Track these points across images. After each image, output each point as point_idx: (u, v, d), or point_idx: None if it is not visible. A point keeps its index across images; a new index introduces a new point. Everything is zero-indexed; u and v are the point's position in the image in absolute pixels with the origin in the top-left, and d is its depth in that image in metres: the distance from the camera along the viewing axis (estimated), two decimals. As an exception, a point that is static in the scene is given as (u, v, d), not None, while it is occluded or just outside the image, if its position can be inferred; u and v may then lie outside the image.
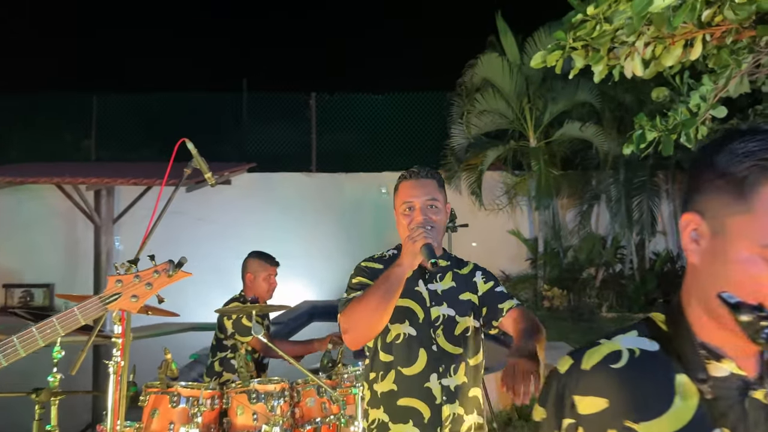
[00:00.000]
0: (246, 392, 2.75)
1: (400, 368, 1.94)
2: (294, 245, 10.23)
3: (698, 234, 0.91)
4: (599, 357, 0.94)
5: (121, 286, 1.74)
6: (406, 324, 1.97)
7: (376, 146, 10.96)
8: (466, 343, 2.00)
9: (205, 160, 2.50)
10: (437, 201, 1.99)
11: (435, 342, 1.96)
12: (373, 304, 1.83)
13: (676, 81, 5.65)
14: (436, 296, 2.02)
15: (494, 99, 9.22)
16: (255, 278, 3.50)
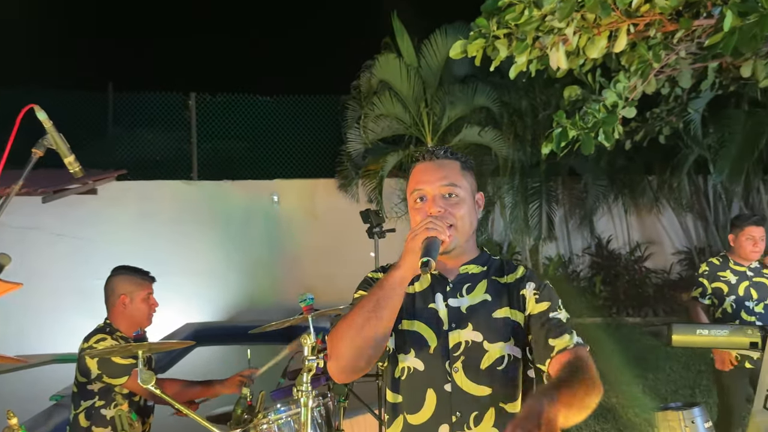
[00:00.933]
0: (132, 462, 2.01)
1: (406, 415, 1.46)
2: (173, 261, 9.18)
3: None
4: None
5: None
6: (412, 355, 1.47)
7: (265, 152, 10.17)
8: (499, 381, 1.43)
9: (62, 137, 1.74)
10: (458, 188, 1.51)
11: (450, 379, 1.42)
12: (360, 320, 1.36)
13: (587, 80, 5.50)
14: (458, 316, 1.47)
15: (391, 103, 8.82)
16: (132, 300, 2.69)
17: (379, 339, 1.39)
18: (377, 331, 1.37)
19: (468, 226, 1.52)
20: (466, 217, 1.51)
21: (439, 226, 1.40)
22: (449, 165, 1.54)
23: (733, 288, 3.51)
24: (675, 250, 10.61)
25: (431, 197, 1.49)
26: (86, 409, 2.57)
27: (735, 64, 5.78)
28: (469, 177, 1.57)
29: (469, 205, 1.53)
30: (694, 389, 5.78)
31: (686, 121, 7.75)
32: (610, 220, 10.58)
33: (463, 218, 1.50)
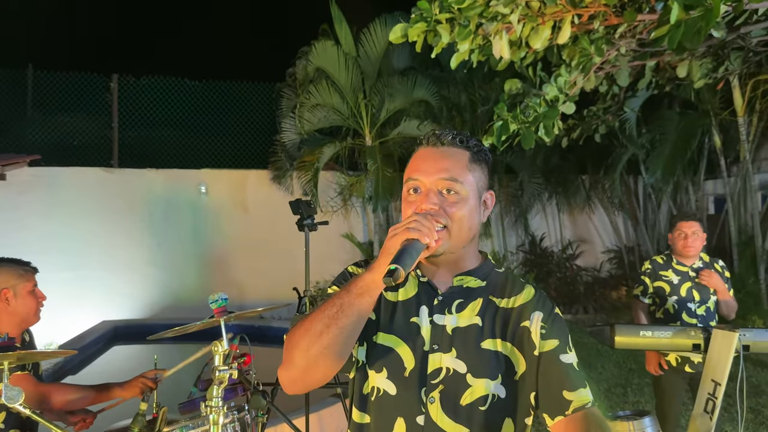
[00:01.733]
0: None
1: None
2: (89, 255, 8.56)
3: None
4: None
5: None
6: (383, 375, 1.24)
7: (193, 140, 9.63)
8: (478, 423, 1.19)
9: None
10: (459, 183, 1.25)
11: (424, 411, 1.19)
12: (318, 327, 1.14)
13: (528, 73, 5.39)
14: (441, 336, 1.24)
15: (328, 92, 8.51)
16: (16, 295, 2.31)
17: (338, 351, 1.16)
18: (336, 342, 1.14)
19: (466, 230, 1.26)
20: (465, 220, 1.25)
21: (425, 226, 1.16)
22: (455, 155, 1.28)
23: (675, 288, 3.43)
24: (605, 248, 10.80)
25: (426, 190, 1.25)
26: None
27: (672, 64, 5.83)
28: (478, 171, 1.31)
29: (472, 206, 1.27)
30: (626, 388, 5.79)
31: (622, 120, 7.83)
32: (544, 218, 10.66)
33: (460, 220, 1.25)
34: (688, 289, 3.40)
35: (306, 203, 3.11)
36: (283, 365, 1.19)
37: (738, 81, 7.29)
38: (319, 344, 1.14)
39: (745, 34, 5.25)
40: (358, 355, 1.28)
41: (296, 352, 1.16)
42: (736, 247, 8.40)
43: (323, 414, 3.82)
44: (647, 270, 3.54)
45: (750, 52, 6.00)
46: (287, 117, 8.86)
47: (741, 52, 5.93)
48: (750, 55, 6.10)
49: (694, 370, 3.36)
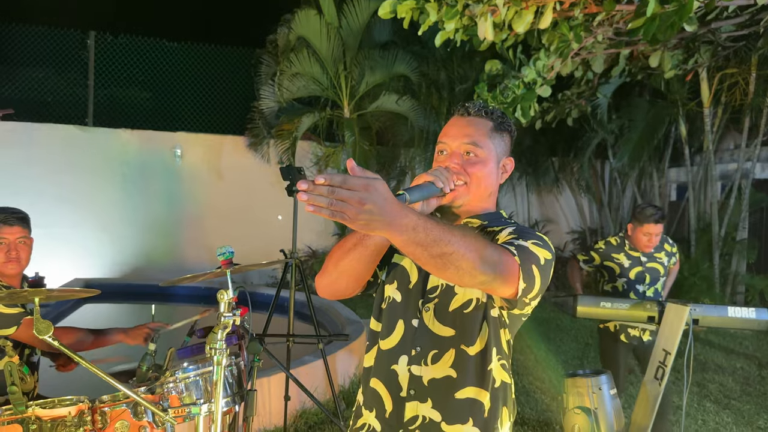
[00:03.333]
0: (21, 422, 1.79)
1: (380, 341, 1.53)
2: (61, 212, 8.53)
3: None
4: None
5: None
6: (394, 286, 1.53)
7: (169, 102, 9.57)
8: (462, 323, 1.44)
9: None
10: (479, 148, 1.49)
11: (419, 316, 1.46)
12: (349, 244, 1.39)
13: (509, 55, 5.56)
14: None
15: (309, 62, 8.55)
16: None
17: (362, 264, 1.41)
18: (361, 257, 1.39)
19: (483, 188, 1.50)
20: (482, 179, 1.49)
21: (444, 175, 1.41)
22: (478, 123, 1.52)
23: (625, 271, 3.66)
24: (570, 229, 11.16)
25: (450, 152, 1.50)
26: (-38, 365, 2.28)
27: (645, 53, 6.06)
28: (498, 139, 1.53)
29: (490, 168, 1.50)
30: (582, 360, 6.13)
31: (594, 105, 8.08)
32: (513, 197, 10.94)
33: (478, 179, 1.48)
34: (639, 273, 3.64)
35: (297, 170, 3.24)
36: (320, 273, 1.48)
37: (706, 73, 7.59)
38: (348, 257, 1.39)
39: (715, 29, 5.50)
40: (382, 277, 1.56)
41: (330, 263, 1.44)
42: (694, 233, 8.81)
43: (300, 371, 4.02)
44: (599, 248, 3.75)
45: (719, 47, 6.27)
46: (266, 84, 8.87)
47: (710, 46, 6.20)
48: (719, 50, 6.38)
49: (628, 341, 3.63)
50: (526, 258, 1.34)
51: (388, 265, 1.55)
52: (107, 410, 1.97)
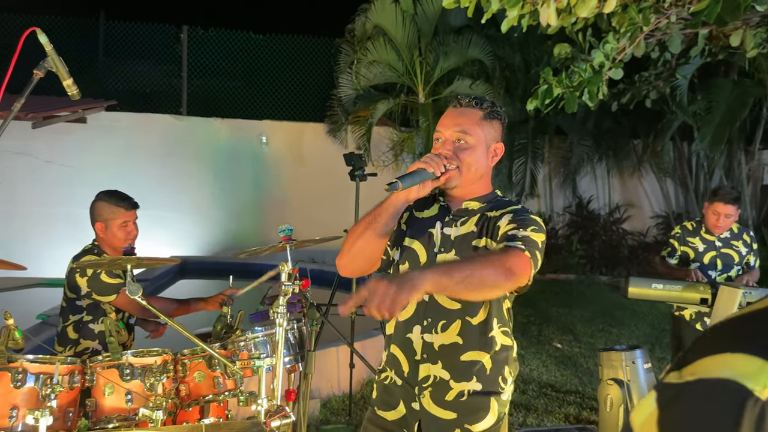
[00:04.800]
0: (117, 367, 2.18)
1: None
2: (159, 195, 9.26)
3: None
4: None
5: None
6: (406, 266, 1.75)
7: (256, 91, 10.12)
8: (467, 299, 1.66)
9: (62, 60, 1.84)
10: (469, 135, 1.69)
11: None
12: (360, 228, 1.68)
13: (578, 38, 5.56)
14: (447, 242, 1.72)
15: (385, 49, 8.79)
16: (107, 227, 2.75)
17: (373, 246, 1.69)
18: (371, 239, 1.67)
19: (473, 171, 1.71)
20: (472, 163, 1.70)
21: (435, 161, 1.62)
22: (469, 113, 1.72)
23: (699, 255, 3.66)
24: (653, 213, 10.85)
25: (444, 139, 1.71)
26: (74, 322, 2.74)
27: (725, 32, 5.86)
28: (487, 127, 1.73)
29: (479, 153, 1.71)
30: (655, 345, 6.08)
31: (673, 86, 7.84)
32: (593, 180, 10.76)
33: (469, 164, 1.70)
34: (712, 258, 3.63)
35: (358, 156, 3.53)
36: (339, 255, 1.75)
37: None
38: (362, 239, 1.67)
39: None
40: (394, 256, 1.79)
41: (346, 246, 1.71)
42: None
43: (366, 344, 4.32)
44: (676, 234, 3.78)
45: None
46: (344, 72, 9.19)
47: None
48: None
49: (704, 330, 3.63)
50: (532, 248, 1.56)
51: (400, 246, 1.78)
52: (187, 362, 2.34)
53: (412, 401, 1.73)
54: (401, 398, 1.75)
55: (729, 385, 0.49)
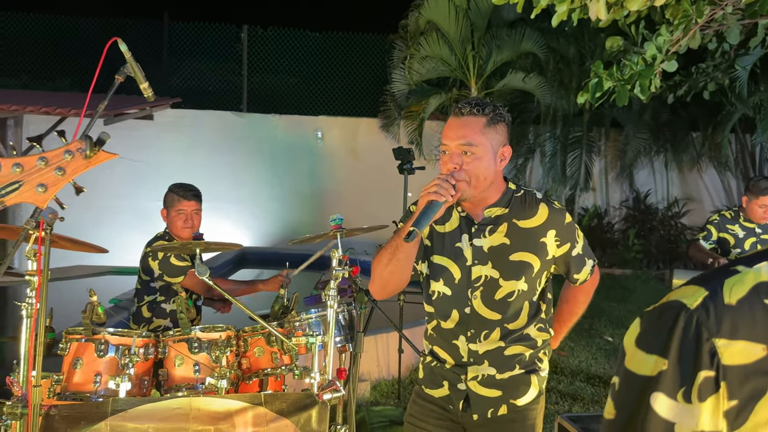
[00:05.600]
0: (186, 341, 2.43)
1: (438, 320, 1.87)
2: (221, 188, 9.67)
3: None
4: (745, 288, 0.69)
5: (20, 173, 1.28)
6: (441, 283, 1.84)
7: (312, 88, 10.42)
8: (507, 309, 1.80)
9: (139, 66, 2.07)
10: (474, 146, 1.69)
11: (470, 304, 1.79)
12: (385, 259, 1.75)
13: (631, 31, 5.54)
14: (480, 254, 1.79)
15: (438, 44, 8.89)
16: (168, 214, 3.10)
17: (400, 274, 1.78)
18: (396, 268, 1.75)
19: (482, 180, 1.71)
20: (480, 173, 1.69)
21: (444, 188, 1.62)
22: (472, 123, 1.70)
23: (740, 242, 3.67)
24: (714, 208, 10.56)
25: (450, 152, 1.72)
26: (149, 303, 3.03)
27: (786, 21, 5.69)
28: (492, 133, 1.71)
29: (487, 160, 1.70)
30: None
31: (732, 78, 7.63)
32: (651, 174, 10.56)
33: (477, 175, 1.69)
34: (753, 244, 3.64)
35: (406, 150, 3.69)
36: (370, 281, 1.86)
37: None
38: (387, 269, 1.76)
39: None
40: (421, 269, 1.89)
41: (375, 274, 1.81)
42: None
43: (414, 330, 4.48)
44: (714, 220, 3.79)
45: None
46: (398, 68, 9.34)
47: None
48: None
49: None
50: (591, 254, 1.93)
51: (428, 261, 1.86)
52: (248, 338, 2.57)
53: (458, 383, 1.85)
54: (446, 380, 1.87)
55: (673, 304, 0.70)
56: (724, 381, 0.66)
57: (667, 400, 0.68)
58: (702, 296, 0.69)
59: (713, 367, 0.66)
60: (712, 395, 0.66)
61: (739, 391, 0.66)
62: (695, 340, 0.67)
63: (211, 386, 2.28)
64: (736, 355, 0.66)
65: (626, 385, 0.72)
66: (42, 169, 1.30)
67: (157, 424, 2.11)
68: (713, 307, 0.68)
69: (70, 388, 2.30)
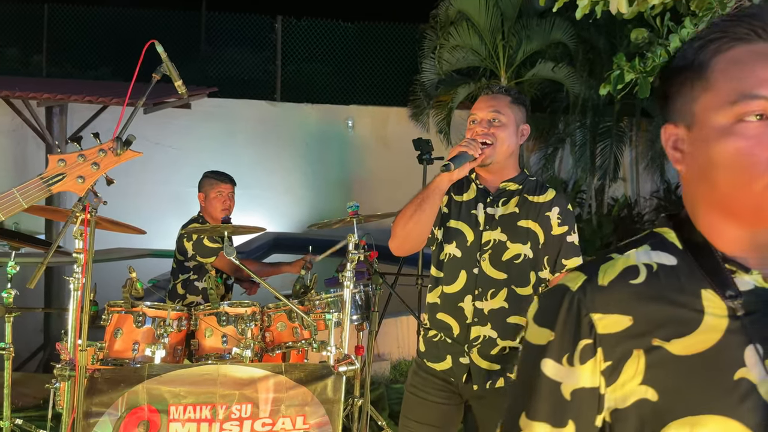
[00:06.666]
0: (215, 314, 2.67)
1: (443, 286, 2.02)
2: (255, 175, 9.98)
3: (677, 139, 0.87)
4: (615, 272, 0.84)
5: (64, 166, 1.61)
6: (453, 245, 2.00)
7: (344, 77, 10.62)
8: (513, 270, 1.96)
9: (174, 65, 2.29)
10: (502, 115, 1.95)
11: (478, 265, 1.96)
12: (410, 212, 1.89)
13: (656, 23, 5.57)
14: (491, 221, 2.00)
15: (468, 34, 8.97)
16: (206, 197, 3.35)
17: (423, 226, 1.91)
18: (421, 220, 1.89)
19: (506, 147, 1.95)
20: (505, 139, 1.94)
21: (473, 144, 1.85)
22: (500, 98, 1.99)
23: None
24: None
25: (479, 119, 1.96)
26: (183, 281, 3.29)
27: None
28: (516, 110, 1.99)
29: (510, 131, 1.96)
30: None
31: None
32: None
33: (502, 139, 1.93)
34: None
35: (425, 141, 3.85)
36: (391, 237, 1.98)
37: None
38: (411, 221, 1.89)
39: None
40: (437, 235, 2.05)
41: (398, 228, 1.93)
42: None
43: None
44: None
45: None
46: (428, 57, 9.45)
47: None
48: None
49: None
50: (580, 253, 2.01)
51: (444, 227, 2.04)
52: (272, 314, 2.80)
53: (461, 356, 2.01)
54: (449, 354, 2.03)
55: (561, 287, 0.85)
56: (600, 347, 0.82)
57: (554, 365, 0.83)
58: (581, 280, 0.84)
59: (591, 336, 0.82)
60: (591, 359, 0.82)
61: (612, 354, 0.81)
62: (576, 316, 0.83)
63: (237, 355, 2.52)
64: (609, 326, 0.82)
65: (525, 352, 0.88)
66: (81, 164, 1.61)
67: (188, 387, 2.35)
68: (590, 288, 0.83)
69: (112, 354, 2.57)
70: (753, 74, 0.77)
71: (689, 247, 0.86)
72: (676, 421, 0.79)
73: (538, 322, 0.86)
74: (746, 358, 0.80)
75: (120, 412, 2.30)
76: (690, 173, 0.86)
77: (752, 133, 0.77)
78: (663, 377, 0.80)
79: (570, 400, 0.82)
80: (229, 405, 2.36)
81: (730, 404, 0.79)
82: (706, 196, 0.84)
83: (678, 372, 0.80)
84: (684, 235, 0.88)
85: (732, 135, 0.78)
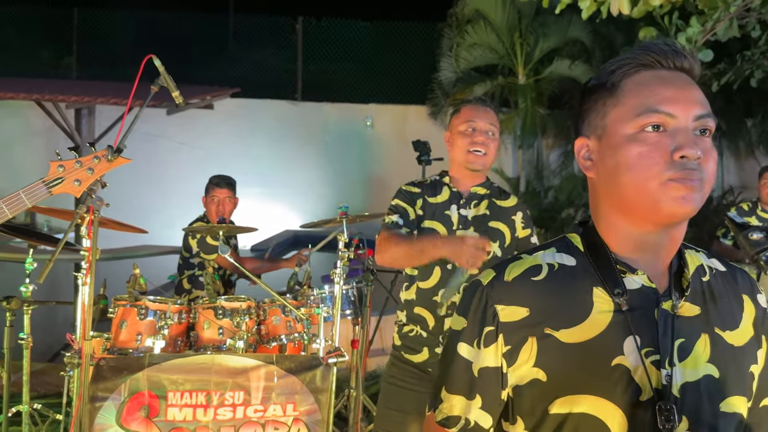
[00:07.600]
0: (213, 308, 2.84)
1: (419, 282, 2.18)
2: (276, 174, 10.20)
3: (589, 151, 1.01)
4: (520, 270, 0.99)
5: (63, 171, 1.85)
6: None
7: (363, 76, 10.76)
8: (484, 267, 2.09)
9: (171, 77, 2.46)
10: (495, 128, 2.19)
11: (451, 261, 2.11)
12: (401, 257, 2.11)
13: (664, 21, 5.57)
14: (465, 221, 2.19)
15: (485, 32, 9.02)
16: (206, 200, 3.62)
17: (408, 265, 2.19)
18: (410, 264, 2.17)
19: (492, 157, 2.19)
20: (494, 151, 2.19)
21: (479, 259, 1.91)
22: (492, 113, 2.21)
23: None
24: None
25: (480, 129, 2.14)
26: (189, 276, 3.49)
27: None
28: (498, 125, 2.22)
29: (498, 143, 2.22)
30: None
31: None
32: (706, 161, 10.32)
33: (493, 153, 2.18)
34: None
35: (423, 143, 3.98)
36: (377, 254, 2.16)
37: None
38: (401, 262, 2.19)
39: None
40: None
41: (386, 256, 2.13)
42: None
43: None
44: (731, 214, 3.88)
45: None
46: (446, 56, 9.53)
47: None
48: None
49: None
50: None
51: (418, 228, 2.22)
52: (267, 308, 2.97)
53: (436, 347, 2.16)
54: (426, 346, 2.18)
55: (476, 282, 1.02)
56: (501, 333, 0.97)
57: (467, 347, 0.99)
58: (491, 276, 1.00)
59: (494, 324, 0.97)
60: (494, 343, 0.97)
61: (511, 339, 0.97)
62: (483, 307, 0.99)
63: (232, 346, 2.69)
64: (509, 315, 0.97)
65: (448, 336, 1.05)
66: (77, 169, 1.82)
67: (185, 375, 2.53)
68: (497, 283, 0.99)
69: (117, 344, 2.76)
70: (654, 93, 0.94)
71: (589, 249, 1.01)
72: (559, 399, 0.94)
73: (457, 311, 1.04)
74: (625, 347, 0.94)
75: (123, 397, 2.50)
76: (598, 178, 0.99)
77: (651, 141, 0.92)
78: (551, 361, 0.95)
79: (478, 377, 0.98)
80: (223, 392, 2.54)
81: (606, 387, 0.93)
82: (611, 195, 0.98)
83: (564, 357, 0.94)
84: (587, 240, 1.02)
85: (636, 141, 0.93)
